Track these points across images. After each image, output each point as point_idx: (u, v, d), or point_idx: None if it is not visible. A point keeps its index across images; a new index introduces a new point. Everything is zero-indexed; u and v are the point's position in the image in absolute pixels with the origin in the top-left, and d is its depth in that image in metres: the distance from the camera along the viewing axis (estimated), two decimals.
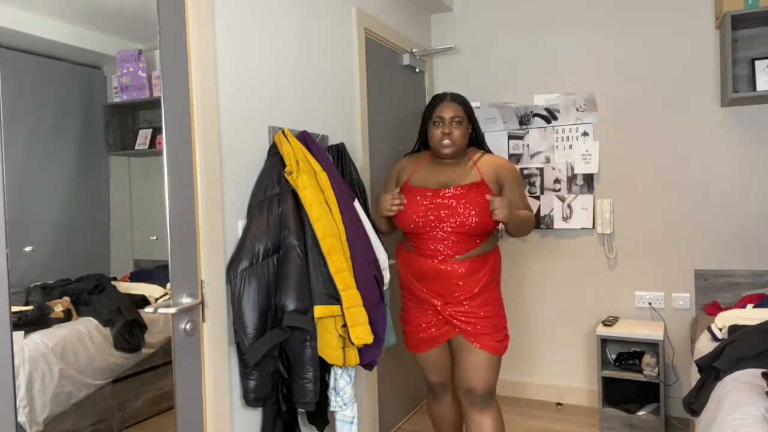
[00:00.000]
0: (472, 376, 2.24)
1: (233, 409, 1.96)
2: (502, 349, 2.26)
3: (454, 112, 2.26)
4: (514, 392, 3.68)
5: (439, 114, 2.28)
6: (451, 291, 2.24)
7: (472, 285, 2.23)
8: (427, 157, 2.40)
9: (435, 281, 2.25)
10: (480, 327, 2.23)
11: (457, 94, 2.34)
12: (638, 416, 3.02)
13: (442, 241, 2.23)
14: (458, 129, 2.26)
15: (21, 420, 1.36)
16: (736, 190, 3.11)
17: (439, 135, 2.26)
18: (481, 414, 2.28)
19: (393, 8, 3.26)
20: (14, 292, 1.36)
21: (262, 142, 2.12)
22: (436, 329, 2.30)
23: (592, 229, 3.44)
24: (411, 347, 2.41)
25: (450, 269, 2.22)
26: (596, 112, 3.37)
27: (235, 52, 2.00)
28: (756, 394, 1.78)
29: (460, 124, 2.27)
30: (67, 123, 1.49)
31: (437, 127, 2.28)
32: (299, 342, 1.90)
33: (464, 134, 2.28)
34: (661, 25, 3.23)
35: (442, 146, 2.26)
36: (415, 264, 2.29)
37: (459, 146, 2.27)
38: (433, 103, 2.33)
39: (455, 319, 2.25)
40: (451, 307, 2.25)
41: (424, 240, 2.26)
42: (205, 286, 1.83)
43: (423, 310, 2.32)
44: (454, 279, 2.23)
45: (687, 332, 3.24)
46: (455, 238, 2.22)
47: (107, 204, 1.60)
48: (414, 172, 2.36)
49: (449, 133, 2.24)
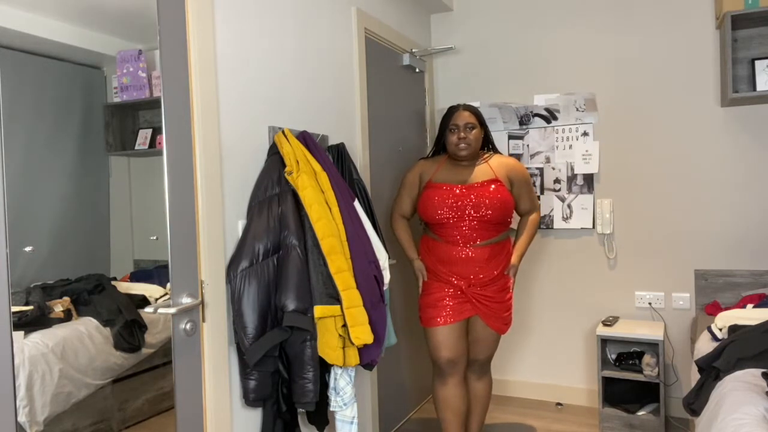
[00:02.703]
0: (478, 350, 2.67)
1: (233, 409, 1.96)
2: (506, 329, 2.67)
3: (467, 119, 2.58)
4: (514, 392, 3.68)
5: (454, 122, 2.59)
6: (477, 273, 2.55)
7: (492, 268, 2.57)
8: (445, 159, 2.68)
9: (460, 264, 2.55)
10: (495, 310, 2.59)
11: (469, 104, 2.69)
12: (638, 416, 3.02)
13: (467, 229, 2.54)
14: (471, 133, 2.57)
15: (21, 420, 1.36)
16: (736, 190, 3.11)
17: (455, 140, 2.58)
18: (478, 381, 2.77)
19: (393, 8, 3.26)
20: (14, 292, 1.36)
21: (262, 142, 2.12)
22: (455, 304, 2.56)
23: (592, 229, 3.44)
24: (427, 320, 2.60)
25: (474, 254, 2.54)
26: (596, 112, 3.37)
27: (235, 52, 2.00)
28: (756, 394, 1.78)
29: (473, 129, 2.58)
30: (67, 123, 1.49)
31: (453, 133, 2.59)
32: (299, 342, 1.90)
33: (477, 137, 2.59)
34: (661, 25, 3.23)
35: (459, 149, 2.57)
36: (441, 250, 2.59)
37: (474, 148, 2.58)
38: (449, 113, 2.64)
39: (476, 300, 2.56)
40: (474, 289, 2.56)
41: (450, 229, 2.56)
42: (205, 286, 1.83)
43: (446, 286, 2.59)
44: (478, 262, 2.55)
45: (687, 332, 3.24)
46: (477, 226, 2.54)
47: (107, 204, 1.60)
48: (436, 171, 2.65)
49: (464, 137, 2.56)
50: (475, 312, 2.58)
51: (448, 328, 2.55)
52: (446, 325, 2.55)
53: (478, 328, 2.62)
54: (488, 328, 2.61)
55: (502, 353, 3.72)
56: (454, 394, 2.60)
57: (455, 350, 2.56)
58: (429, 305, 2.60)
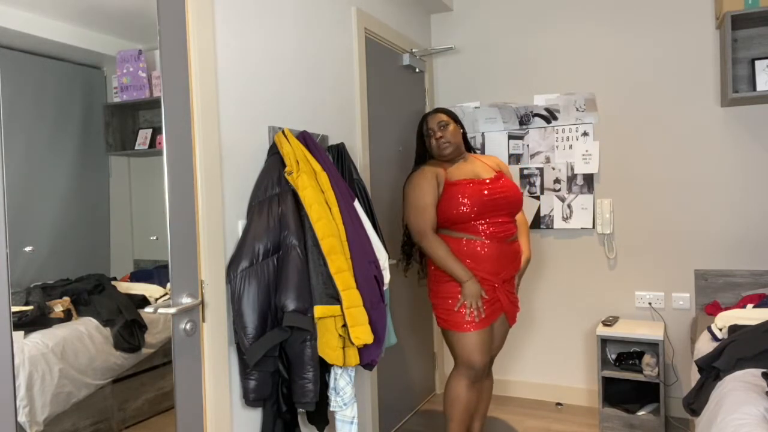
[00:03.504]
0: (495, 347, 2.65)
1: (233, 409, 1.96)
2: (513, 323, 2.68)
3: (439, 119, 2.56)
4: (514, 392, 3.68)
5: (428, 126, 2.58)
6: (510, 269, 2.52)
7: (519, 262, 2.58)
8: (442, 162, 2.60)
9: (494, 261, 2.46)
10: (515, 304, 2.60)
11: (439, 107, 2.70)
12: (638, 416, 3.02)
13: (503, 223, 2.49)
14: (448, 130, 2.53)
15: (21, 420, 1.36)
16: (736, 189, 3.11)
17: (434, 142, 2.55)
18: (486, 378, 2.73)
19: (393, 8, 3.26)
20: (14, 292, 1.36)
21: (262, 142, 2.12)
22: (487, 306, 2.47)
23: (592, 229, 3.44)
24: (457, 324, 2.43)
25: (510, 248, 2.51)
26: (596, 112, 3.37)
27: (235, 52, 2.00)
28: (756, 394, 1.78)
29: (448, 126, 2.54)
30: (67, 123, 1.49)
31: (431, 137, 2.57)
32: (299, 342, 1.90)
33: (454, 133, 2.55)
34: (661, 24, 3.23)
35: (441, 149, 2.53)
36: (471, 248, 2.45)
37: (455, 143, 2.53)
38: (421, 121, 2.63)
39: (505, 297, 2.52)
40: (505, 286, 2.52)
41: (483, 224, 2.45)
42: (205, 286, 1.83)
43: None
44: (511, 256, 2.52)
45: (687, 332, 3.24)
46: (509, 219, 2.53)
47: (107, 204, 1.60)
48: (447, 171, 2.54)
49: (441, 136, 2.52)
50: (503, 310, 2.54)
51: (485, 332, 2.46)
52: (481, 329, 2.44)
53: (497, 324, 2.59)
54: (506, 323, 2.62)
55: (502, 353, 3.72)
56: (472, 395, 2.53)
57: (487, 353, 2.49)
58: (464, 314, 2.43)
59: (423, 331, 3.58)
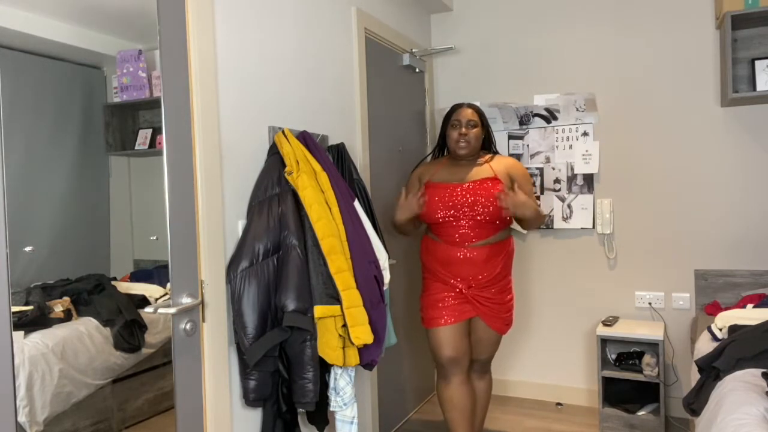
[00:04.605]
0: (480, 350, 2.68)
1: (233, 409, 1.96)
2: (507, 330, 2.68)
3: (470, 117, 2.60)
4: (514, 392, 3.68)
5: (456, 117, 2.61)
6: (475, 274, 2.54)
7: (491, 268, 2.55)
8: (445, 161, 2.69)
9: (459, 265, 2.54)
10: (495, 311, 2.59)
11: (472, 103, 2.69)
12: (638, 416, 3.02)
13: (464, 229, 2.53)
14: (472, 131, 2.58)
15: (21, 420, 1.36)
16: (735, 190, 3.11)
17: (456, 136, 2.59)
18: (479, 380, 2.79)
19: (393, 8, 3.26)
20: (14, 292, 1.36)
21: (262, 142, 2.12)
22: (456, 305, 2.55)
23: (592, 229, 3.44)
24: (428, 320, 2.61)
25: (472, 255, 2.53)
26: (596, 112, 3.37)
27: (235, 52, 2.00)
28: (756, 394, 1.78)
29: (475, 127, 2.59)
30: (67, 123, 1.49)
31: (455, 129, 2.60)
32: (299, 342, 1.90)
33: (478, 136, 2.60)
34: (661, 24, 3.23)
35: (458, 147, 2.58)
36: (440, 251, 2.58)
37: (473, 147, 2.59)
38: (452, 109, 2.66)
39: (477, 302, 2.56)
40: (474, 291, 2.56)
41: (448, 229, 2.55)
42: (205, 286, 1.83)
43: (446, 287, 2.58)
44: (476, 263, 2.53)
45: (687, 332, 3.24)
46: (475, 226, 2.52)
47: (107, 204, 1.60)
48: (435, 173, 2.66)
49: (465, 134, 2.56)
50: (476, 313, 2.58)
51: (449, 328, 2.55)
52: (447, 325, 2.55)
53: (479, 328, 2.63)
54: (489, 328, 2.62)
55: (502, 353, 3.72)
56: (459, 394, 2.58)
57: (457, 349, 2.56)
58: (430, 306, 2.61)
59: (423, 331, 3.58)
